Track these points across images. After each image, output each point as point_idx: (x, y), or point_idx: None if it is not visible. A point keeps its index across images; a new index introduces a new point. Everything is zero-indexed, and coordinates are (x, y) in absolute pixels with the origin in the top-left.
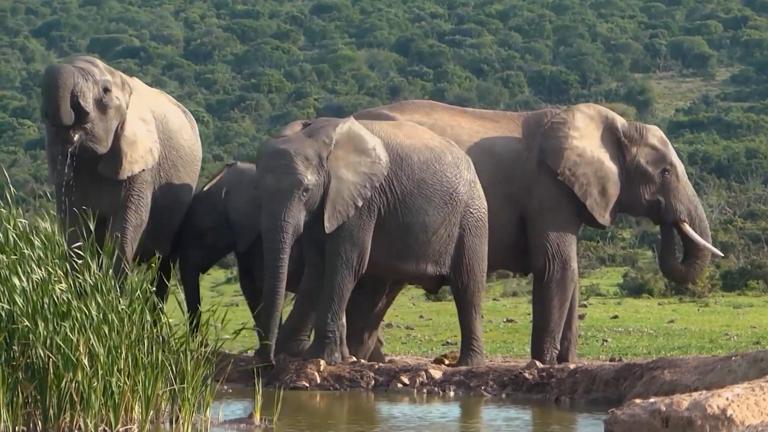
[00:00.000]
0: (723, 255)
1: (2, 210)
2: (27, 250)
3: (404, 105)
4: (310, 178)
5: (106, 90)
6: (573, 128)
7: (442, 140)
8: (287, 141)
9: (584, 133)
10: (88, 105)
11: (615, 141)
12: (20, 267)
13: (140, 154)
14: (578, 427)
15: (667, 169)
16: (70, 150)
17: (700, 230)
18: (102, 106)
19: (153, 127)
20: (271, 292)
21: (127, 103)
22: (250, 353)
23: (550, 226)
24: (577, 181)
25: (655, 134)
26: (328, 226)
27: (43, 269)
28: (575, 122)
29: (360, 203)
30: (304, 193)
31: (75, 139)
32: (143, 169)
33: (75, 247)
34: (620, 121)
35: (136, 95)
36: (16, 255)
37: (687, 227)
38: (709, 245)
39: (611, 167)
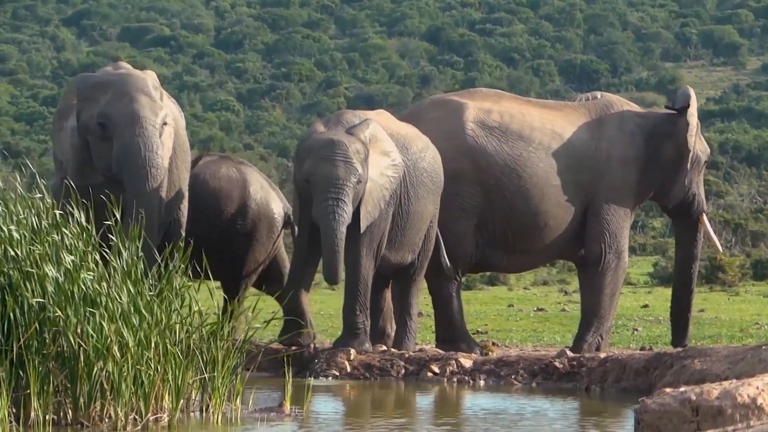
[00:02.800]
0: (721, 251)
1: (34, 199)
2: (59, 237)
3: (473, 93)
4: (361, 171)
5: (165, 124)
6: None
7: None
8: (337, 133)
9: None
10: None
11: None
12: (51, 255)
13: (166, 145)
14: (608, 416)
15: (707, 160)
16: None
17: None
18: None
19: (168, 110)
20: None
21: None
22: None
23: (612, 215)
24: (690, 153)
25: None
26: (362, 226)
27: (74, 257)
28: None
29: (383, 205)
30: (357, 185)
31: None
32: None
33: (102, 234)
34: None
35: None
36: (47, 243)
37: (706, 220)
38: (717, 241)
39: None
